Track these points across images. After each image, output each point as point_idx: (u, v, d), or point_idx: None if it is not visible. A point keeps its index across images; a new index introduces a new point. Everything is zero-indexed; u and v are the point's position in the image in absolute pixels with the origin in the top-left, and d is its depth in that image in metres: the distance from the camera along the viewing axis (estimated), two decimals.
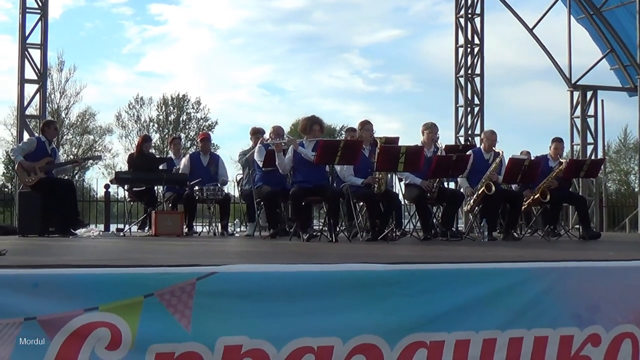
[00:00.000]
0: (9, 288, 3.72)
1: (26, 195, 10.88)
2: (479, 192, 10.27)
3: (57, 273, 3.91)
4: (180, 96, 46.19)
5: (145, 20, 62.42)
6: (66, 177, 12.38)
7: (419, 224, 10.12)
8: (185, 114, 46.20)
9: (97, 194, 20.61)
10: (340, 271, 4.30)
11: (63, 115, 41.14)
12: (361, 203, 10.24)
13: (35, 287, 3.74)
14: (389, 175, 9.90)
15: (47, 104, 17.80)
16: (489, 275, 4.57)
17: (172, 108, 46.06)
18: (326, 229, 9.19)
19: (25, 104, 14.68)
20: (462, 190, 10.69)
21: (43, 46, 14.68)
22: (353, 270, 4.34)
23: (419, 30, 66.91)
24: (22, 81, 14.54)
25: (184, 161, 12.26)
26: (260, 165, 10.63)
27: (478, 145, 11.39)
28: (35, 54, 14.62)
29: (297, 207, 9.42)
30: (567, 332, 4.61)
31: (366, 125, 10.16)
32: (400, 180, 10.22)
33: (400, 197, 10.16)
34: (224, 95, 63.40)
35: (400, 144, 10.38)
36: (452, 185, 11.57)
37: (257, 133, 11.71)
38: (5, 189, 25.64)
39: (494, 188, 10.13)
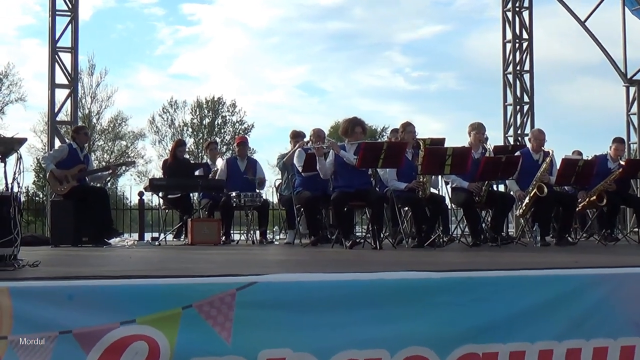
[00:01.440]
0: (43, 300, 3.76)
1: (58, 204, 11.00)
2: (531, 194, 10.17)
3: (92, 284, 3.93)
4: (215, 99, 46.52)
5: (178, 21, 63.01)
6: (99, 185, 12.49)
7: (466, 229, 10.06)
8: (220, 117, 46.48)
9: (130, 201, 20.83)
10: (386, 280, 4.28)
11: (94, 120, 41.66)
12: (406, 208, 10.20)
13: (71, 300, 3.77)
14: (433, 177, 9.84)
15: (78, 109, 17.98)
16: (544, 283, 4.51)
17: (206, 111, 46.37)
18: (369, 235, 9.16)
19: (56, 109, 14.81)
20: (511, 193, 10.60)
21: (74, 49, 14.80)
22: (400, 279, 4.31)
23: (463, 25, 66.63)
24: (53, 86, 14.67)
25: (220, 166, 12.32)
26: (300, 170, 10.64)
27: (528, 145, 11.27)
28: (66, 58, 14.76)
29: (339, 212, 9.40)
30: (629, 343, 4.53)
31: (408, 127, 10.12)
32: (446, 183, 10.16)
33: (447, 201, 10.11)
34: (259, 97, 63.68)
35: (446, 145, 10.33)
36: (501, 188, 11.49)
37: (297, 136, 11.72)
38: (37, 198, 25.90)
39: (546, 189, 10.03)
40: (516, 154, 10.49)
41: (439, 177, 9.95)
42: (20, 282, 3.97)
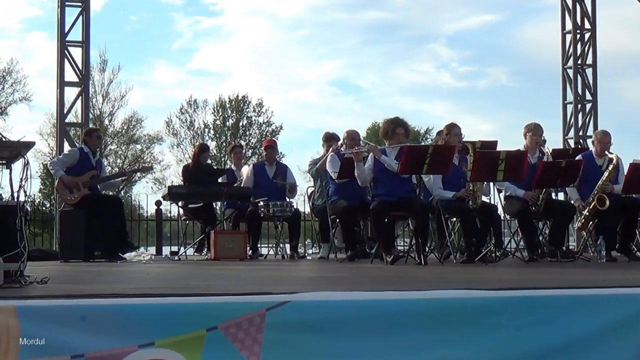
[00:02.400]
0: (53, 322, 3.79)
1: (68, 215, 11.10)
2: (590, 206, 10.10)
3: (107, 304, 3.96)
4: (240, 97, 46.72)
5: (198, 11, 63.47)
6: (112, 193, 12.60)
7: (522, 243, 10.00)
8: (245, 118, 46.67)
9: (146, 212, 20.95)
10: (433, 299, 4.27)
11: (106, 122, 42.00)
12: (454, 218, 10.18)
13: (84, 320, 3.80)
14: (485, 185, 9.80)
15: (89, 110, 18.11)
16: (611, 303, 4.47)
17: (230, 111, 46.57)
18: (413, 249, 9.15)
19: (65, 110, 14.89)
20: (572, 202, 10.54)
21: (85, 44, 14.87)
22: (448, 298, 4.30)
23: (516, 14, 66.42)
24: (62, 84, 14.73)
25: (246, 173, 12.35)
26: (335, 177, 10.64)
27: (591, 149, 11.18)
28: (76, 53, 14.84)
29: (379, 224, 9.40)
30: None
31: (453, 129, 10.07)
32: (499, 191, 10.12)
33: (500, 211, 10.07)
34: (288, 95, 63.83)
35: (498, 148, 10.28)
36: (560, 196, 11.41)
37: (330, 139, 11.73)
38: (44, 208, 26.12)
39: (607, 202, 9.94)
40: (577, 157, 10.42)
41: (491, 184, 9.91)
42: (28, 300, 4.00)
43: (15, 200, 5.34)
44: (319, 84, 65.48)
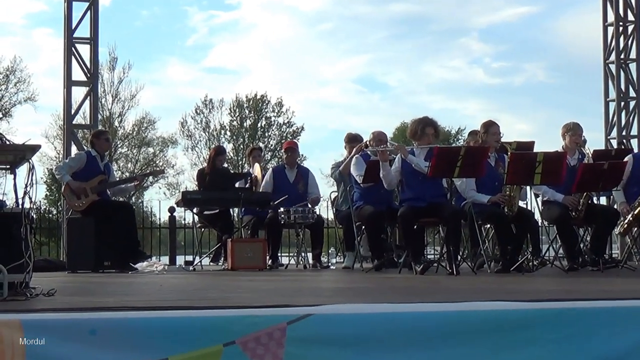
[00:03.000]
0: (61, 336, 3.80)
1: (75, 223, 11.15)
2: (635, 212, 10.04)
3: (118, 317, 3.98)
4: (258, 97, 46.77)
5: (213, 5, 63.85)
6: (122, 199, 12.64)
7: (561, 251, 9.96)
8: (264, 118, 46.74)
9: (159, 219, 20.98)
10: (466, 311, 4.27)
11: (116, 123, 42.15)
12: (488, 225, 10.15)
13: (93, 335, 3.82)
14: (522, 189, 9.77)
15: (98, 111, 18.17)
16: None
17: (248, 112, 46.67)
18: (444, 258, 9.14)
19: (73, 111, 14.93)
20: (616, 206, 10.49)
21: (93, 40, 14.91)
22: (482, 310, 4.30)
23: (554, 5, 66.16)
24: (69, 83, 14.78)
25: (265, 177, 12.37)
26: (359, 181, 10.64)
27: (636, 150, 11.13)
28: (84, 50, 14.89)
29: (408, 231, 9.38)
30: None
31: (491, 127, 10.04)
32: (536, 196, 10.09)
33: (537, 216, 10.03)
34: (310, 94, 63.89)
35: (535, 150, 10.24)
36: (602, 200, 11.36)
37: (353, 140, 11.73)
38: (50, 216, 26.23)
39: None
40: (626, 158, 10.34)
41: (527, 188, 9.88)
42: (34, 314, 4.03)
43: (20, 207, 5.36)
44: (342, 82, 65.55)
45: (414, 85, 65.76)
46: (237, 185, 12.37)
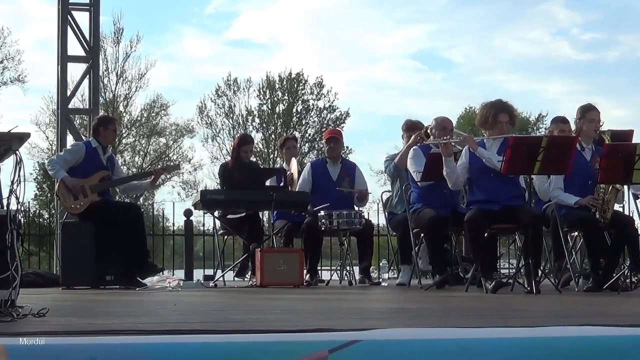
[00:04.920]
0: None
1: (72, 228, 11.22)
2: None
3: (123, 342, 3.99)
4: (293, 76, 46.86)
5: None
6: (129, 200, 12.70)
7: None
8: (300, 102, 46.81)
9: (173, 224, 21.12)
10: (548, 338, 4.25)
11: (121, 108, 42.39)
12: (575, 233, 10.10)
13: None
14: (619, 189, 9.71)
15: (99, 92, 18.23)
16: None
17: (280, 94, 46.76)
18: (522, 273, 9.10)
19: (69, 93, 14.99)
20: None
21: (93, 7, 14.97)
22: (569, 337, 4.28)
23: None
24: (64, 59, 14.87)
25: (303, 173, 12.36)
26: (417, 178, 10.62)
27: None
28: (82, 19, 14.97)
29: (477, 240, 9.36)
30: None
31: (589, 112, 9.97)
32: (635, 197, 10.03)
33: (637, 223, 9.99)
34: (357, 72, 63.97)
35: (635, 140, 10.18)
36: None
37: (412, 129, 11.71)
38: (41, 220, 26.40)
39: None
40: None
41: (625, 188, 9.82)
42: (22, 338, 4.05)
43: (5, 209, 5.38)
44: (397, 58, 65.63)
45: (485, 62, 65.69)
46: (267, 183, 12.34)
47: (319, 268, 12.30)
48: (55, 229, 14.57)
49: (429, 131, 10.99)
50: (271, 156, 42.27)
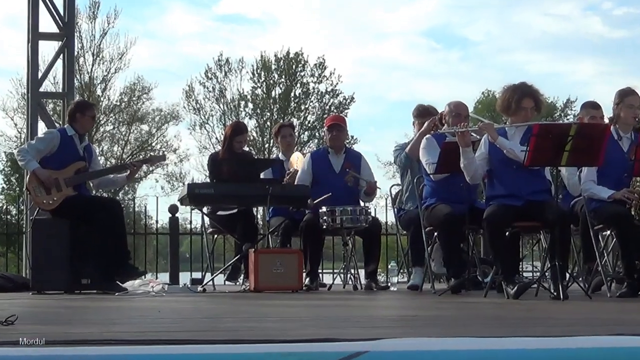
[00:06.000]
0: None
1: (44, 226, 11.22)
2: None
3: (101, 354, 4.01)
4: (291, 56, 46.87)
5: None
6: (107, 195, 12.70)
7: None
8: (299, 85, 46.83)
9: (156, 222, 21.13)
10: (580, 349, 4.26)
11: (98, 91, 42.41)
12: (608, 231, 10.10)
13: None
14: None
15: (75, 74, 18.25)
16: None
17: (276, 76, 46.78)
18: (547, 276, 9.11)
19: (40, 74, 15.02)
20: None
21: None
22: (601, 348, 4.29)
23: None
24: (35, 37, 14.87)
25: (302, 164, 12.35)
26: (431, 170, 10.62)
27: None
28: None
29: (498, 239, 9.37)
30: None
31: (628, 97, 9.97)
32: None
33: None
34: (363, 51, 63.92)
35: None
36: None
37: (425, 115, 11.71)
38: (9, 217, 26.39)
39: None
40: None
41: None
42: None
43: None
44: (407, 35, 65.73)
45: (506, 40, 65.72)
46: (262, 176, 12.33)
47: (320, 271, 12.32)
48: (24, 227, 14.57)
49: (442, 117, 10.98)
50: (266, 146, 42.36)
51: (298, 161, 12.41)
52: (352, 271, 12.23)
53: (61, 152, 11.13)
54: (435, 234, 10.81)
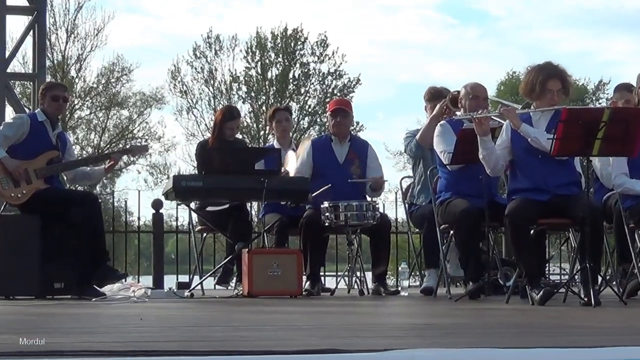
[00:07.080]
0: None
1: (11, 223, 11.22)
2: None
3: None
4: (289, 32, 46.87)
5: None
6: (84, 189, 12.68)
7: None
8: (298, 65, 46.83)
9: (138, 219, 21.14)
10: None
11: (73, 72, 42.41)
12: None
13: None
14: None
15: (46, 53, 18.26)
16: None
17: (273, 55, 46.78)
18: (577, 279, 9.11)
19: (8, 53, 15.03)
20: None
21: None
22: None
23: None
24: (2, 10, 14.87)
25: (302, 154, 12.35)
26: (446, 161, 10.61)
27: None
28: None
29: (521, 238, 9.37)
30: None
31: None
32: None
33: None
34: (369, 28, 63.85)
35: None
36: None
37: (437, 98, 11.71)
38: None
39: None
40: None
41: None
42: None
43: None
44: (419, 9, 65.77)
45: (530, 15, 65.73)
46: (256, 167, 12.31)
47: (322, 274, 12.33)
48: None
49: (458, 100, 10.92)
50: (261, 133, 42.37)
51: (290, 157, 12.29)
52: (358, 274, 12.27)
53: (31, 139, 11.08)
54: (451, 232, 10.80)
